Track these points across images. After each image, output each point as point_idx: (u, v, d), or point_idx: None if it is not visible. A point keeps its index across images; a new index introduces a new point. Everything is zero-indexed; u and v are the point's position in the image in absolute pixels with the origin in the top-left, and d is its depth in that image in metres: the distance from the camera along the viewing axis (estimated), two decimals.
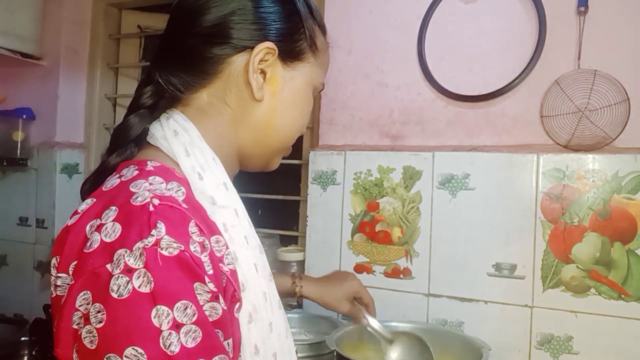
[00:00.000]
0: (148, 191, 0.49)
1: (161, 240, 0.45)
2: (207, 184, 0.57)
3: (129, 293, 0.44)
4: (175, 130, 0.59)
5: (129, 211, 0.47)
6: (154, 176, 0.53)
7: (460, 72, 1.32)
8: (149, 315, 0.44)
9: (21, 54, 1.77)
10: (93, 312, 0.44)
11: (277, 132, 0.64)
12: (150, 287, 0.44)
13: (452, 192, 1.29)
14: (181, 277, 0.45)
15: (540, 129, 1.23)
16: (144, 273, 0.44)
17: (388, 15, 1.41)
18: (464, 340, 1.16)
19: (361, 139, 1.43)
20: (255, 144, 0.64)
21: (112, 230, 0.46)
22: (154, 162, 0.56)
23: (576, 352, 1.16)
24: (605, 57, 1.17)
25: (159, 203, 0.48)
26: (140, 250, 0.44)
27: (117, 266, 0.44)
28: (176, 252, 0.45)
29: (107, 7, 1.93)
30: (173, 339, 0.44)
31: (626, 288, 1.13)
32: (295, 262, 1.49)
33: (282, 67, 0.62)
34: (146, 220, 0.46)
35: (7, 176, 1.92)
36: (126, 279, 0.44)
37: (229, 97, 0.61)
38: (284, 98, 0.63)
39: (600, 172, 1.16)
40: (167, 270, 0.45)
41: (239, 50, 0.60)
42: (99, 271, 0.45)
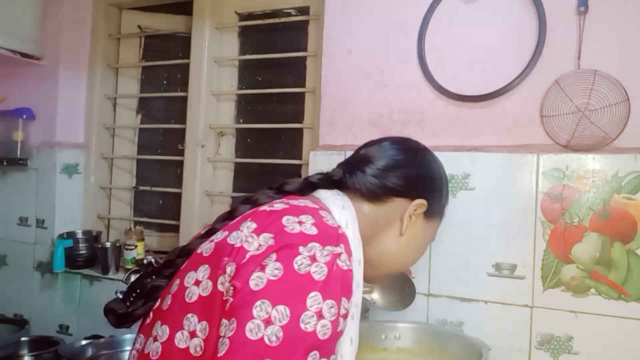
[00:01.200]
0: (331, 221, 0.69)
1: (342, 255, 0.62)
2: (358, 251, 0.74)
3: (306, 272, 0.58)
4: (343, 205, 0.78)
5: (324, 225, 0.66)
6: (334, 219, 0.72)
7: (460, 72, 1.32)
8: (307, 294, 0.57)
9: (21, 54, 1.77)
10: (272, 267, 0.59)
11: (396, 261, 0.87)
12: (321, 277, 0.58)
13: (452, 192, 1.29)
14: (339, 286, 0.60)
15: (540, 129, 1.23)
16: (323, 267, 0.59)
17: (388, 15, 1.41)
18: (464, 340, 1.16)
19: (361, 139, 1.42)
20: (375, 260, 0.83)
21: (310, 229, 0.64)
22: (326, 211, 0.74)
23: (576, 352, 1.16)
24: (605, 57, 1.17)
25: (342, 232, 0.68)
26: (329, 251, 0.61)
27: (308, 251, 0.60)
28: (345, 268, 0.62)
29: (107, 7, 1.93)
30: (312, 321, 0.57)
31: (626, 288, 1.13)
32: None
33: (422, 219, 0.85)
34: (336, 237, 0.65)
35: (7, 176, 1.92)
36: (308, 262, 0.59)
37: (381, 219, 0.82)
38: (413, 240, 0.85)
39: (600, 172, 1.16)
40: (337, 276, 0.60)
41: (404, 197, 0.83)
42: (293, 247, 0.61)
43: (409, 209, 0.83)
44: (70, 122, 1.89)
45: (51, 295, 1.83)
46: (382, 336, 1.22)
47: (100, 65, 1.93)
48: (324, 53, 1.49)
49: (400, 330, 1.22)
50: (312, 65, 1.63)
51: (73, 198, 1.89)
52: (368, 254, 0.79)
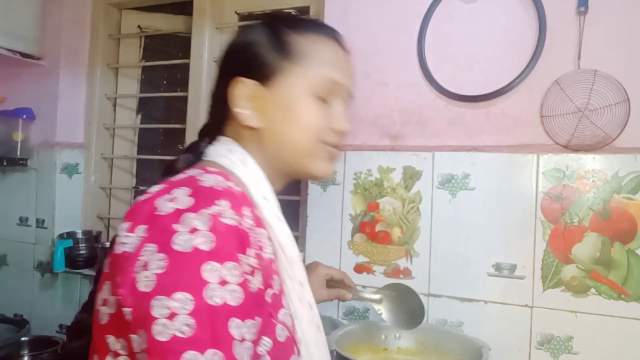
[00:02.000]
0: (212, 180, 0.61)
1: (224, 211, 0.55)
2: (263, 188, 0.69)
3: (191, 248, 0.52)
4: (229, 149, 0.71)
5: (198, 188, 0.58)
6: (216, 175, 0.63)
7: (460, 72, 1.32)
8: (200, 268, 0.51)
9: (21, 54, 1.77)
10: (154, 260, 0.52)
11: (285, 142, 0.72)
12: (210, 246, 0.52)
13: (452, 192, 1.29)
14: (235, 245, 0.54)
15: (540, 129, 1.23)
16: (207, 234, 0.53)
17: (388, 15, 1.41)
18: (464, 340, 1.16)
19: (361, 139, 1.43)
20: (279, 160, 0.73)
21: (184, 201, 0.56)
22: (213, 167, 0.67)
23: (576, 352, 1.16)
24: (605, 57, 1.17)
25: (223, 188, 0.59)
26: (207, 216, 0.54)
27: (184, 225, 0.53)
28: (235, 223, 0.55)
29: (107, 7, 1.93)
30: (217, 292, 0.51)
31: (626, 288, 1.13)
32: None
33: (264, 89, 0.71)
34: (213, 195, 0.57)
35: (7, 176, 1.92)
36: (189, 236, 0.52)
37: (238, 128, 0.73)
38: (275, 114, 0.71)
39: (600, 172, 1.16)
40: (226, 235, 0.54)
41: (226, 89, 0.72)
42: (168, 229, 0.54)
43: (231, 100, 0.71)
44: (70, 122, 1.89)
45: (51, 295, 1.83)
46: (382, 336, 1.22)
47: (100, 65, 1.93)
48: None
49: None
50: None
51: (73, 198, 1.89)
52: (275, 160, 0.73)
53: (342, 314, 1.40)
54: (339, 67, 0.76)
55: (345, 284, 1.15)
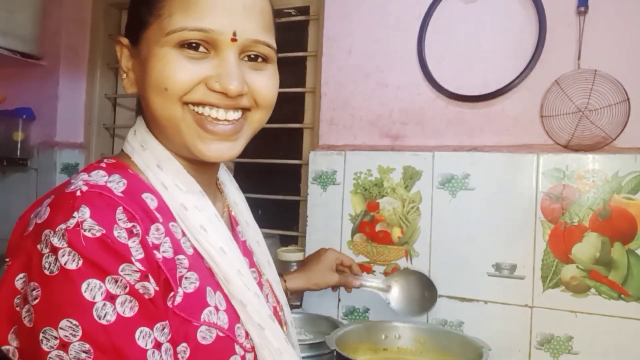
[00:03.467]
0: (82, 181, 0.52)
1: (83, 223, 0.47)
2: (168, 173, 0.60)
3: (59, 269, 0.46)
4: (134, 130, 0.64)
5: (59, 197, 0.50)
6: (99, 170, 0.55)
7: (460, 72, 1.32)
8: (79, 289, 0.46)
9: (21, 54, 1.77)
10: (29, 290, 0.47)
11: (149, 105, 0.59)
12: (78, 263, 0.46)
13: (452, 192, 1.29)
14: (106, 257, 0.48)
15: (540, 129, 1.23)
16: (69, 251, 0.46)
17: (388, 15, 1.41)
18: (464, 340, 1.16)
19: (361, 139, 1.43)
20: (159, 132, 0.62)
21: (43, 214, 0.49)
22: (110, 159, 0.60)
23: (576, 352, 1.16)
24: (605, 57, 1.17)
25: (87, 190, 0.50)
26: (62, 231, 0.47)
27: (45, 246, 0.47)
28: (98, 235, 0.48)
29: (107, 7, 1.93)
30: (108, 309, 0.46)
31: (626, 288, 1.13)
32: (295, 262, 1.49)
33: (135, 51, 0.61)
34: (71, 204, 0.49)
35: (7, 176, 1.92)
36: (54, 257, 0.46)
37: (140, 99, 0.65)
38: (145, 74, 0.59)
39: (600, 172, 1.16)
40: (92, 249, 0.47)
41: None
42: (31, 251, 0.48)
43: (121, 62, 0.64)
44: (70, 122, 1.89)
45: None
46: (382, 336, 1.22)
47: (100, 65, 1.93)
48: (324, 53, 1.49)
49: (400, 330, 1.22)
50: (312, 65, 1.62)
51: None
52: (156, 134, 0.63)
53: (342, 314, 1.40)
54: (200, 10, 0.56)
55: (352, 271, 1.15)
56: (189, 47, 0.56)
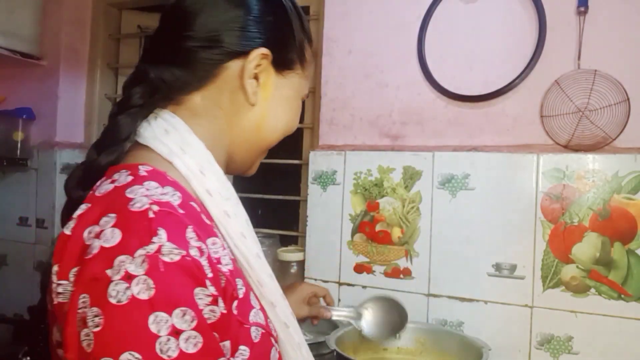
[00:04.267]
0: (145, 197, 0.49)
1: (162, 247, 0.46)
2: (210, 179, 0.59)
3: (128, 299, 0.44)
4: (165, 129, 0.59)
5: (127, 217, 0.48)
6: (149, 181, 0.53)
7: (460, 72, 1.32)
8: (146, 321, 0.44)
9: (21, 54, 1.77)
10: (90, 315, 0.45)
11: (265, 135, 0.67)
12: (150, 294, 0.44)
13: (452, 192, 1.29)
14: (182, 284, 0.46)
15: (540, 129, 1.23)
16: (144, 280, 0.44)
17: (388, 15, 1.41)
18: (464, 340, 1.16)
19: (361, 139, 1.43)
20: (244, 147, 0.66)
21: (111, 236, 0.46)
22: (146, 166, 0.56)
23: (576, 352, 1.16)
24: (605, 57, 1.17)
25: (159, 209, 0.48)
26: (142, 257, 0.45)
27: (117, 272, 0.45)
28: (178, 258, 0.46)
29: (107, 7, 1.93)
30: (171, 345, 0.44)
31: (626, 288, 1.13)
32: (295, 262, 1.49)
33: (275, 74, 0.65)
34: (147, 226, 0.47)
35: (7, 176, 1.92)
36: (125, 285, 0.44)
37: (223, 101, 0.62)
38: (275, 104, 0.65)
39: (600, 172, 1.16)
40: (168, 276, 0.45)
41: (234, 56, 0.61)
42: (98, 276, 0.45)
43: (246, 68, 0.61)
44: (70, 122, 1.89)
45: None
46: None
47: (100, 65, 1.93)
48: (324, 53, 1.49)
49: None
50: None
51: None
52: (231, 149, 0.65)
53: None
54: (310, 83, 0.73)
55: (326, 301, 1.11)
56: None
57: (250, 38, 0.61)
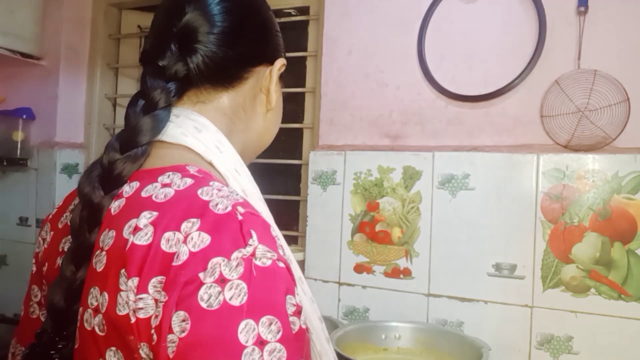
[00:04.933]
0: (224, 198, 0.48)
1: (257, 250, 0.44)
2: (243, 179, 0.58)
3: (220, 304, 0.42)
4: (196, 127, 0.57)
5: (215, 220, 0.46)
6: (213, 181, 0.51)
7: (460, 72, 1.32)
8: (236, 329, 0.42)
9: (21, 54, 1.77)
10: (176, 320, 0.42)
11: (267, 138, 0.70)
12: (242, 299, 0.42)
13: (452, 192, 1.29)
14: (273, 289, 0.44)
15: (540, 129, 1.23)
16: (238, 284, 0.43)
17: (388, 15, 1.41)
18: (464, 340, 1.16)
19: (361, 139, 1.43)
20: (250, 150, 0.68)
21: (199, 240, 0.44)
22: (192, 166, 0.53)
23: (576, 352, 1.16)
24: (605, 57, 1.17)
25: (245, 211, 0.47)
26: (238, 261, 0.43)
27: (211, 275, 0.43)
28: (269, 263, 0.45)
29: (107, 7, 1.93)
30: (255, 356, 0.42)
31: (626, 288, 1.13)
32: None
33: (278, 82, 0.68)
34: (238, 228, 0.45)
35: (7, 176, 1.92)
36: (218, 289, 0.42)
37: (246, 104, 0.63)
38: (277, 108, 0.69)
39: (600, 172, 1.16)
40: (260, 282, 0.44)
41: (264, 62, 0.64)
42: (189, 280, 0.43)
43: (273, 75, 0.64)
44: (70, 122, 1.89)
45: None
46: (382, 336, 1.22)
47: (100, 65, 1.93)
48: (324, 53, 1.49)
49: (400, 330, 1.22)
50: (312, 65, 1.63)
51: None
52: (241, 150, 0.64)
53: (342, 314, 1.40)
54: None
55: None
56: None
57: (274, 48, 0.65)
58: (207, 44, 0.58)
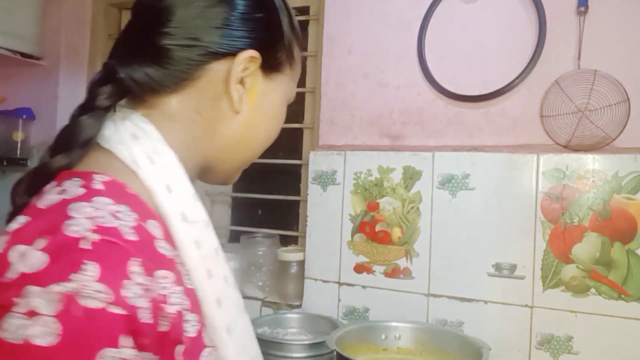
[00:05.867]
0: (88, 219, 0.41)
1: (84, 288, 0.37)
2: (178, 197, 0.51)
3: (21, 341, 0.36)
4: (134, 133, 0.51)
5: (60, 243, 0.39)
6: (101, 197, 0.44)
7: (460, 72, 1.32)
8: None
9: (21, 54, 1.77)
10: None
11: (249, 146, 0.61)
12: (50, 341, 0.36)
13: (452, 192, 1.29)
14: (94, 337, 0.37)
15: (540, 129, 1.23)
16: (51, 322, 0.36)
17: (388, 15, 1.41)
18: (464, 340, 1.16)
19: (361, 139, 1.43)
20: (223, 157, 0.60)
21: (34, 264, 0.38)
22: (103, 176, 0.47)
23: (576, 352, 1.16)
24: (605, 57, 1.17)
25: (100, 239, 0.40)
26: (56, 295, 0.37)
27: (25, 304, 0.37)
28: (100, 306, 0.37)
29: (107, 7, 1.93)
30: None
31: (626, 288, 1.13)
32: (295, 262, 1.49)
33: (262, 79, 0.59)
34: (77, 258, 0.38)
35: (7, 176, 1.91)
36: (25, 321, 0.36)
37: (203, 106, 0.55)
38: (261, 111, 0.60)
39: (600, 172, 1.16)
40: (81, 326, 0.37)
41: (218, 57, 0.54)
42: (5, 302, 0.38)
43: (232, 72, 0.55)
44: None
45: None
46: (382, 336, 1.22)
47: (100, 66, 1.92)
48: (324, 53, 1.49)
49: (400, 330, 1.22)
50: (312, 65, 1.63)
51: None
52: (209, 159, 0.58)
53: (342, 314, 1.40)
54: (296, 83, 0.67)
55: None
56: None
57: (237, 37, 0.55)
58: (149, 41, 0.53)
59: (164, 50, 0.53)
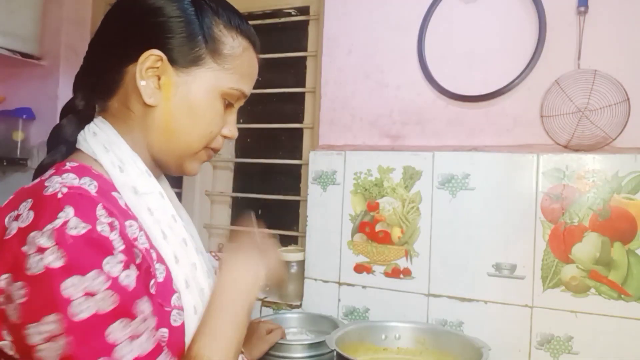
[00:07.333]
0: (59, 183, 0.56)
1: (69, 222, 0.52)
2: (129, 175, 0.64)
3: (43, 269, 0.50)
4: (94, 131, 0.66)
5: (41, 200, 0.54)
6: (68, 173, 0.59)
7: (460, 72, 1.32)
8: (59, 287, 0.50)
9: (21, 54, 1.77)
10: (15, 290, 0.51)
11: (178, 136, 0.68)
12: (62, 262, 0.50)
13: (452, 192, 1.29)
14: (91, 253, 0.52)
15: (540, 129, 1.23)
16: (55, 250, 0.50)
17: (388, 15, 1.41)
18: (464, 340, 1.16)
19: (361, 139, 1.43)
20: (161, 148, 0.69)
21: (26, 217, 0.53)
22: (73, 162, 0.63)
23: (576, 352, 1.16)
24: (605, 57, 1.17)
25: (68, 191, 0.55)
26: (50, 231, 0.51)
27: (32, 247, 0.51)
28: (84, 231, 0.52)
29: (107, 7, 1.92)
30: (85, 305, 0.50)
31: (626, 288, 1.13)
32: (295, 262, 1.49)
33: (175, 73, 0.66)
34: (55, 205, 0.53)
35: (7, 176, 1.92)
36: (39, 257, 0.50)
37: (132, 104, 0.67)
38: (179, 102, 0.67)
39: (600, 172, 1.16)
40: (77, 246, 0.51)
41: (130, 61, 0.66)
42: (16, 254, 0.51)
43: (137, 70, 0.65)
44: None
45: None
46: (382, 336, 1.22)
47: None
48: (324, 53, 1.49)
49: (400, 330, 1.22)
50: (312, 65, 1.63)
51: None
52: (154, 151, 0.69)
53: (342, 314, 1.40)
54: (251, 78, 0.73)
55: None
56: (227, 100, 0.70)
57: (139, 42, 0.65)
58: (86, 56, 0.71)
59: (96, 63, 0.70)
